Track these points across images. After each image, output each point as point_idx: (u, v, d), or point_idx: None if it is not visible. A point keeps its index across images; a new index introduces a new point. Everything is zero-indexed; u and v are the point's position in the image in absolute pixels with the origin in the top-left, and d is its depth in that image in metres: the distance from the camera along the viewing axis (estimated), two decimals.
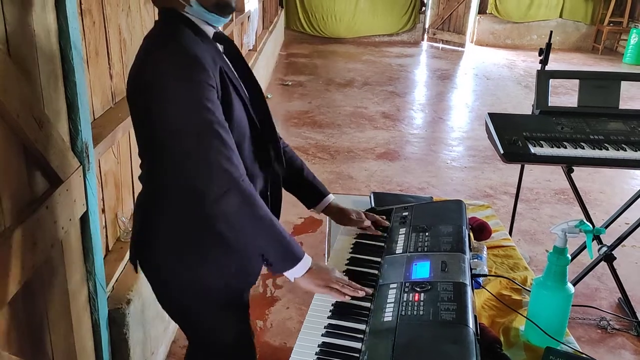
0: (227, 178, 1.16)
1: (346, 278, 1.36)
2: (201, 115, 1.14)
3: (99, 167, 1.84)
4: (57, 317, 1.41)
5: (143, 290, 1.95)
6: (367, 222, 1.64)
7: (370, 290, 1.32)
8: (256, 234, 1.22)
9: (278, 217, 1.47)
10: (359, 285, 1.33)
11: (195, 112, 1.14)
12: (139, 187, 2.29)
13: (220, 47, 1.33)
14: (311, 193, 1.63)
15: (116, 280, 1.90)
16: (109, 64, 1.97)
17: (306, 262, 1.29)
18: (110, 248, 2.01)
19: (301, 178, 1.61)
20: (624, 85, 2.45)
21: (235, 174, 1.17)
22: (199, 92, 1.14)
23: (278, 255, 1.26)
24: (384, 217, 1.70)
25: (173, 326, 2.39)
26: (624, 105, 2.44)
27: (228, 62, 1.33)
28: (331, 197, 1.64)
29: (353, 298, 1.31)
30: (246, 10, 5.44)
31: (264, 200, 1.33)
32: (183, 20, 1.24)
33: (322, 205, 1.63)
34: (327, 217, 1.74)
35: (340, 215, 1.64)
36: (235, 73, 1.33)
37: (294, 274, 1.28)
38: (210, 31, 1.29)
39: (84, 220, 1.51)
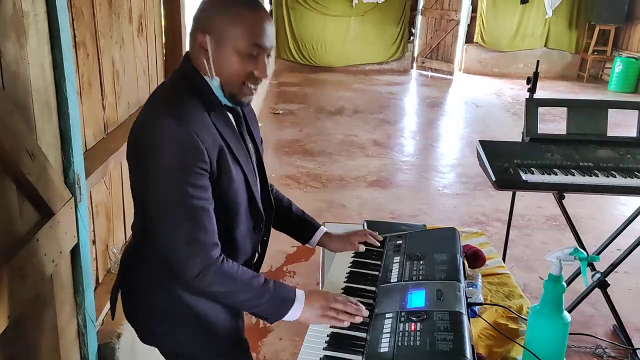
0: (200, 262, 1.20)
1: (341, 297, 1.35)
2: (182, 199, 1.17)
3: (90, 198, 1.83)
4: (45, 352, 1.37)
5: None
6: (362, 247, 1.65)
7: (367, 312, 1.32)
8: (240, 301, 1.28)
9: (262, 260, 1.52)
10: (354, 307, 1.32)
11: (178, 196, 1.17)
12: (130, 217, 2.28)
13: (232, 117, 1.34)
14: (303, 228, 1.64)
15: (106, 314, 1.86)
16: (101, 95, 1.98)
17: (299, 300, 1.30)
18: (100, 280, 1.98)
19: (291, 216, 1.63)
20: (611, 112, 2.49)
21: (209, 257, 1.21)
22: (186, 177, 1.17)
23: (269, 309, 1.29)
24: (377, 232, 1.71)
25: None
26: (611, 132, 2.47)
27: (236, 130, 1.34)
28: (323, 229, 1.65)
29: (351, 328, 1.30)
30: None
31: (253, 254, 1.42)
32: (201, 86, 1.26)
33: (315, 239, 1.64)
34: (320, 258, 1.74)
35: (335, 242, 1.65)
36: (245, 139, 1.37)
37: (291, 316, 1.29)
38: (224, 101, 1.30)
39: (75, 252, 1.49)
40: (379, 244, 1.68)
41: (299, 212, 1.65)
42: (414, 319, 1.23)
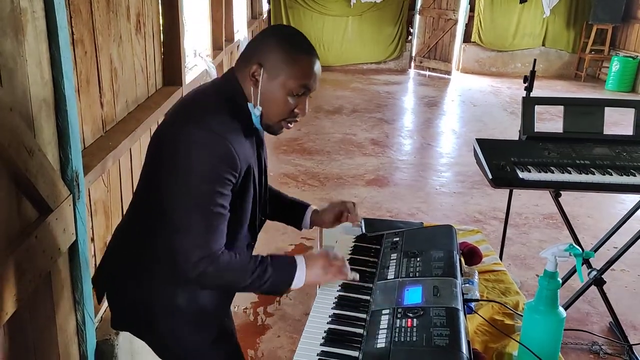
0: (205, 265, 1.24)
1: (339, 255, 1.45)
2: (208, 204, 1.22)
3: (89, 195, 1.83)
4: (44, 349, 1.38)
5: None
6: (345, 216, 1.68)
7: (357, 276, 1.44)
8: (246, 285, 1.31)
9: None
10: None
11: (205, 200, 1.22)
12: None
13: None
14: (294, 211, 1.68)
15: (105, 311, 1.87)
16: (100, 92, 1.98)
17: (300, 264, 1.35)
18: None
19: (280, 203, 1.67)
20: (607, 111, 2.50)
21: (213, 261, 1.24)
22: (217, 184, 1.22)
23: (275, 282, 1.33)
24: (374, 241, 1.71)
25: None
26: (608, 130, 2.48)
27: (257, 153, 1.39)
28: (312, 207, 1.68)
29: (348, 325, 1.31)
30: (235, 39, 5.51)
31: (249, 248, 1.46)
32: (241, 110, 1.31)
33: (307, 217, 1.66)
34: (318, 244, 1.75)
35: (327, 215, 1.67)
36: (262, 161, 1.42)
37: (298, 282, 1.35)
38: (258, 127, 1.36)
39: (73, 249, 1.50)
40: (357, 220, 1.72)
41: (287, 198, 1.69)
42: (411, 315, 1.24)
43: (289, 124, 1.35)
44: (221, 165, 1.22)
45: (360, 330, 1.29)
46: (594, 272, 2.60)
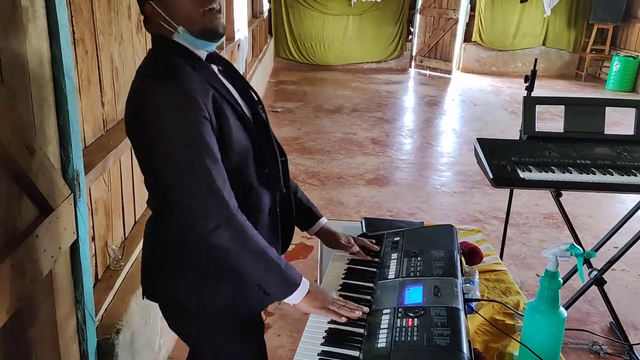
0: (216, 214, 1.19)
1: (342, 299, 1.38)
2: (192, 150, 1.17)
3: (90, 194, 1.83)
4: (45, 348, 1.38)
5: (132, 319, 1.92)
6: (356, 248, 1.65)
7: (366, 309, 1.35)
8: (251, 266, 1.26)
9: (291, 233, 1.54)
10: (355, 305, 1.35)
11: (187, 147, 1.17)
12: (129, 214, 2.29)
13: (216, 68, 1.35)
14: (305, 215, 1.65)
15: (105, 310, 1.87)
16: (100, 92, 1.98)
17: (304, 286, 1.32)
18: (99, 277, 1.99)
19: (295, 200, 1.61)
20: (608, 111, 2.50)
21: (225, 210, 1.20)
22: (192, 126, 1.17)
23: (275, 284, 1.30)
24: (374, 241, 1.71)
25: (162, 356, 2.35)
26: (608, 130, 2.48)
27: (225, 82, 1.34)
28: (324, 220, 1.66)
29: (348, 322, 1.31)
30: (236, 38, 5.51)
31: (274, 217, 1.40)
32: (174, 47, 1.26)
33: (315, 228, 1.64)
34: (319, 243, 1.75)
35: (331, 238, 1.66)
36: (234, 92, 1.35)
37: (293, 300, 1.31)
38: (202, 54, 1.31)
39: (74, 248, 1.50)
40: (376, 248, 1.68)
41: (303, 198, 1.65)
42: (411, 314, 1.24)
43: (212, 11, 1.25)
44: (185, 107, 1.16)
45: (361, 330, 1.29)
46: (595, 272, 2.60)
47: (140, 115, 1.21)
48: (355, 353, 1.22)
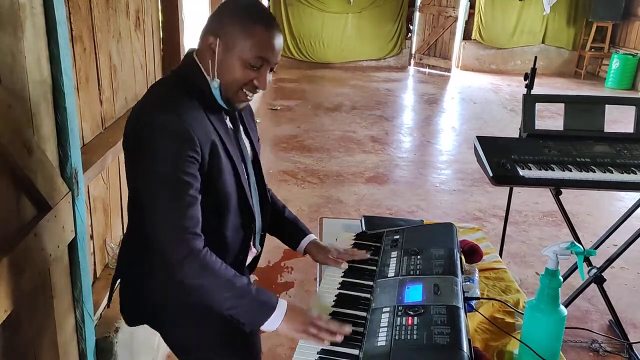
0: (184, 248, 1.20)
1: (325, 319, 1.29)
2: (174, 184, 1.20)
3: (88, 192, 1.83)
4: (43, 347, 1.38)
5: None
6: (344, 265, 1.57)
7: (349, 330, 1.25)
8: (220, 299, 1.24)
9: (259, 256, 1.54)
10: (336, 327, 1.25)
11: (169, 181, 1.20)
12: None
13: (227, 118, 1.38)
14: (293, 233, 1.63)
15: (104, 308, 1.87)
16: (99, 89, 1.98)
17: (281, 309, 1.26)
18: (98, 275, 1.98)
19: (282, 220, 1.63)
20: (608, 108, 2.49)
21: (192, 245, 1.21)
22: (178, 164, 1.20)
23: (248, 312, 1.25)
24: (374, 239, 1.71)
25: (161, 355, 2.34)
26: (608, 128, 2.48)
27: (230, 128, 1.37)
28: (312, 236, 1.63)
29: (348, 323, 1.29)
30: None
31: (244, 251, 1.41)
32: (198, 86, 1.29)
33: (302, 245, 1.61)
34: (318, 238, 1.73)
35: (320, 254, 1.60)
36: (239, 137, 1.40)
37: (271, 324, 1.25)
38: (221, 102, 1.33)
39: (72, 247, 1.49)
40: (366, 256, 1.62)
41: (290, 217, 1.65)
42: (411, 313, 1.24)
43: (247, 94, 1.31)
44: (178, 143, 1.19)
45: (361, 329, 1.29)
46: (594, 270, 2.60)
47: (138, 137, 1.24)
48: (355, 352, 1.22)
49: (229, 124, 1.38)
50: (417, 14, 10.33)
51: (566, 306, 2.61)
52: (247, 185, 1.39)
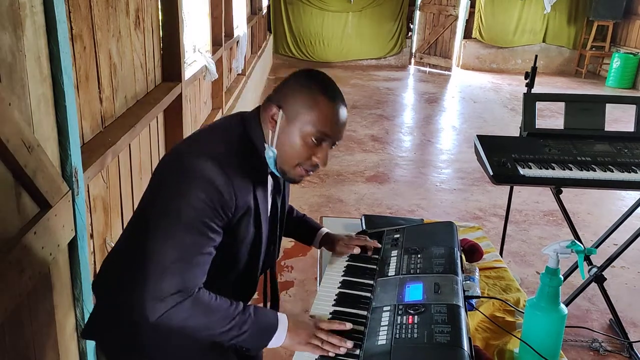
0: (177, 296, 1.13)
1: (325, 324, 1.27)
2: (190, 238, 1.14)
3: (88, 191, 1.83)
4: (44, 345, 1.38)
5: None
6: (357, 250, 1.62)
7: (350, 345, 1.22)
8: (221, 332, 1.18)
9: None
10: (338, 340, 1.22)
11: (188, 233, 1.14)
12: (128, 211, 2.28)
13: (270, 180, 1.34)
14: (306, 231, 1.67)
15: None
16: (99, 88, 1.97)
17: (282, 324, 1.23)
18: None
19: (292, 222, 1.64)
20: (608, 107, 2.49)
21: (187, 291, 1.14)
22: (204, 220, 1.14)
23: (252, 337, 1.20)
24: (375, 238, 1.70)
25: None
26: (609, 127, 2.48)
27: (269, 194, 1.34)
28: (324, 230, 1.67)
29: (348, 320, 1.30)
30: (235, 35, 5.50)
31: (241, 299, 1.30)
32: (256, 148, 1.26)
33: (317, 239, 1.65)
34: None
35: (333, 244, 1.65)
36: (276, 201, 1.37)
37: (275, 343, 1.23)
38: (273, 170, 1.30)
39: (72, 246, 1.49)
40: (377, 245, 1.65)
41: (299, 215, 1.68)
42: (412, 312, 1.24)
43: (306, 172, 1.27)
44: (213, 197, 1.14)
45: (361, 328, 1.28)
46: (594, 269, 2.60)
47: (180, 173, 1.17)
48: (356, 350, 1.22)
49: (270, 187, 1.34)
50: (417, 13, 10.33)
51: (567, 305, 2.61)
52: (260, 250, 1.34)
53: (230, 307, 1.19)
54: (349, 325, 1.27)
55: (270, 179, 1.34)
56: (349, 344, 1.22)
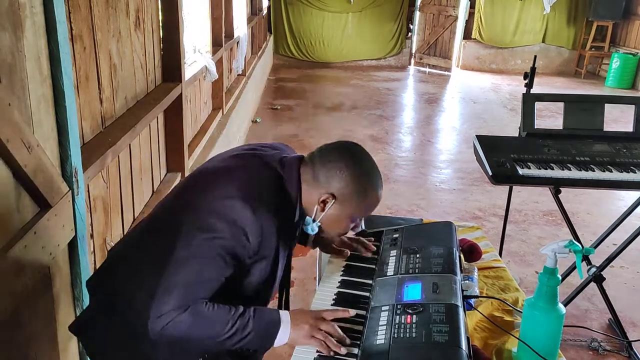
0: (177, 312, 1.15)
1: (328, 313, 1.30)
2: (207, 266, 1.18)
3: (88, 191, 1.83)
4: (43, 345, 1.38)
5: None
6: (347, 253, 1.64)
7: (349, 342, 1.25)
8: (224, 338, 1.19)
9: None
10: (342, 335, 1.25)
11: (206, 263, 1.17)
12: (128, 211, 2.28)
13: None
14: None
15: None
16: (99, 88, 1.98)
17: (285, 321, 1.24)
18: None
19: None
20: (607, 108, 2.50)
21: (189, 303, 1.16)
22: (227, 255, 1.18)
23: (256, 338, 1.22)
24: (373, 239, 1.71)
25: None
26: (607, 127, 2.48)
27: (292, 236, 1.38)
28: None
29: (347, 321, 1.30)
30: (235, 36, 5.50)
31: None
32: (286, 194, 1.29)
33: (310, 239, 1.61)
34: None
35: (326, 244, 1.66)
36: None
37: (280, 340, 1.24)
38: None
39: (73, 245, 1.49)
40: (372, 251, 1.66)
41: None
42: (410, 311, 1.24)
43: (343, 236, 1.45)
44: (239, 244, 1.18)
45: (360, 327, 1.29)
46: (594, 269, 2.60)
47: (212, 211, 1.19)
48: (354, 350, 1.22)
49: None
50: (417, 14, 10.34)
51: (566, 305, 2.62)
52: (272, 286, 1.35)
53: (229, 313, 1.20)
54: (352, 312, 1.30)
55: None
56: (348, 341, 1.24)
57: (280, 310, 1.27)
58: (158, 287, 1.15)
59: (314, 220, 1.33)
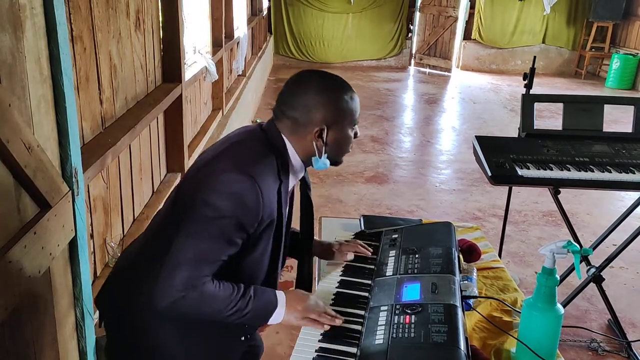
0: (184, 288, 1.21)
1: (321, 304, 1.35)
2: (212, 241, 1.22)
3: (88, 192, 1.84)
4: (43, 345, 1.38)
5: None
6: (350, 256, 1.63)
7: (341, 321, 1.32)
8: (226, 315, 1.26)
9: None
10: (333, 313, 1.33)
11: (211, 238, 1.22)
12: (128, 212, 2.29)
13: (293, 181, 1.40)
14: (293, 245, 1.64)
15: None
16: (99, 89, 1.98)
17: (281, 303, 1.31)
18: (98, 274, 1.99)
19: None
20: (607, 108, 2.50)
21: (196, 282, 1.22)
22: (230, 228, 1.22)
23: (254, 317, 1.29)
24: (373, 238, 1.71)
25: None
26: (607, 128, 2.48)
27: (289, 200, 1.41)
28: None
29: (346, 321, 1.31)
30: (235, 36, 5.51)
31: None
32: (284, 163, 1.32)
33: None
34: (317, 237, 1.75)
35: (324, 251, 1.65)
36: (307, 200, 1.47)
37: (275, 319, 1.31)
38: (298, 175, 1.39)
39: (73, 246, 1.49)
40: (369, 254, 1.65)
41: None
42: (409, 311, 1.25)
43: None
44: (242, 214, 1.22)
45: (359, 327, 1.29)
46: (593, 270, 2.60)
47: (211, 186, 1.23)
48: (353, 350, 1.22)
49: (291, 187, 1.40)
50: (417, 14, 10.34)
51: (565, 305, 2.62)
52: (280, 258, 1.41)
53: (232, 293, 1.26)
54: (339, 322, 1.32)
55: (292, 181, 1.40)
56: (341, 319, 1.32)
57: (277, 292, 1.33)
58: (164, 266, 1.21)
59: (319, 157, 1.34)
